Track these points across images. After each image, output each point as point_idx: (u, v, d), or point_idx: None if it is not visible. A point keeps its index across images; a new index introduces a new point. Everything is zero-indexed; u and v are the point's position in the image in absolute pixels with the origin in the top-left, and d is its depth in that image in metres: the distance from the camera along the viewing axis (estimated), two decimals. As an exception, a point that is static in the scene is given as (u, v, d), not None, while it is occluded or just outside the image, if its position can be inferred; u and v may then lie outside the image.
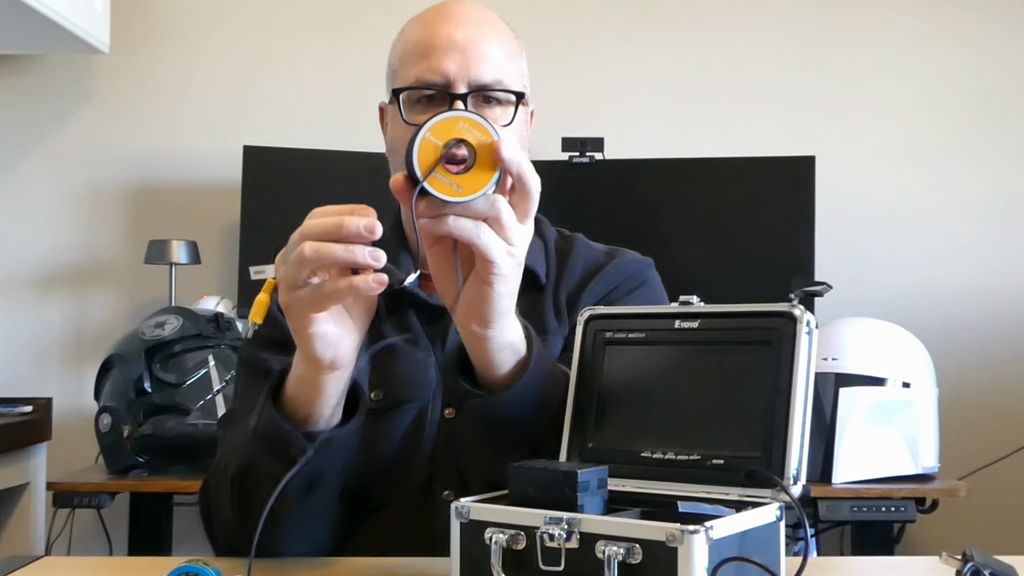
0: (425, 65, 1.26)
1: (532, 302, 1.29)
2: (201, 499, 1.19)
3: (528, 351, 1.08)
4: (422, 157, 0.93)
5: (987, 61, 3.17)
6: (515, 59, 1.31)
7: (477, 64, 1.25)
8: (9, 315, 3.15)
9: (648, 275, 1.37)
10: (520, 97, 1.28)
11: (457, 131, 0.94)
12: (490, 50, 1.26)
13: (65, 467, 2.79)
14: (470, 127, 0.94)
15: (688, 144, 3.11)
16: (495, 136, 0.94)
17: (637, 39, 3.20)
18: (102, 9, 2.94)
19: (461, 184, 0.94)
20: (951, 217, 3.14)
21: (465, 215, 0.95)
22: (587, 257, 1.36)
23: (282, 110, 3.16)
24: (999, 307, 3.10)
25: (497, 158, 0.94)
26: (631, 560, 0.81)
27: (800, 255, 2.89)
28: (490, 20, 1.30)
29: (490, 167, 0.94)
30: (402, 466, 1.20)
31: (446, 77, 1.25)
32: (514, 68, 1.30)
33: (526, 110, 1.32)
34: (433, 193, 0.93)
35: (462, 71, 1.25)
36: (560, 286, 1.33)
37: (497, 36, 1.29)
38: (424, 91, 1.26)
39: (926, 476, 2.57)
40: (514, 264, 0.99)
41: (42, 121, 3.20)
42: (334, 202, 0.99)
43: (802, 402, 0.92)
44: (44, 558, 1.15)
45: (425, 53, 1.26)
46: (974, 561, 0.94)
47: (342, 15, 3.21)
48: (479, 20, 1.29)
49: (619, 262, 1.36)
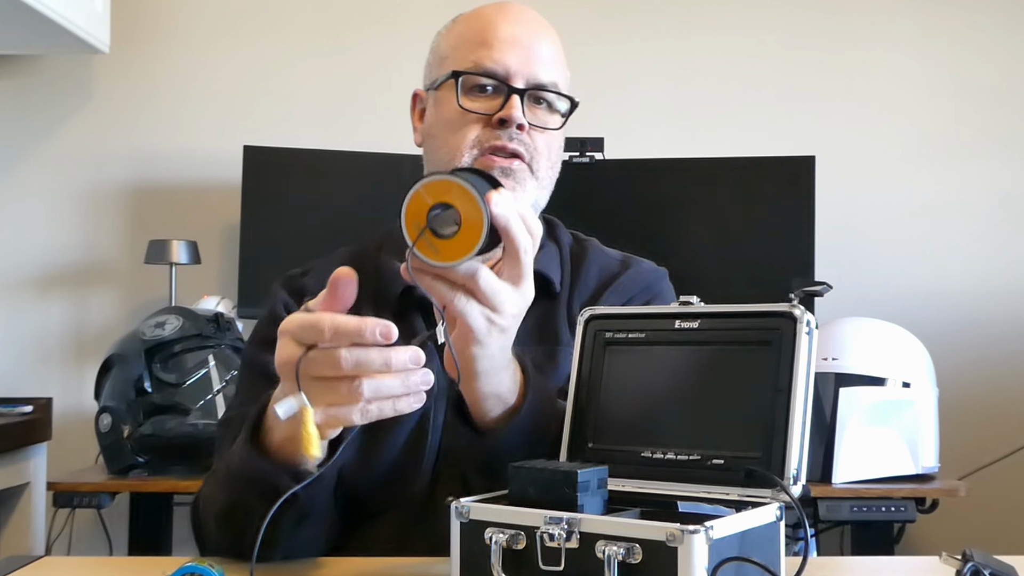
0: (486, 54, 1.26)
1: (547, 311, 1.29)
2: (192, 517, 1.18)
3: (521, 397, 1.07)
4: (411, 210, 0.93)
5: (987, 61, 3.17)
6: (564, 69, 1.33)
7: (538, 63, 1.26)
8: (9, 315, 3.15)
9: (662, 286, 1.37)
10: (574, 104, 1.30)
11: (449, 195, 0.93)
12: (549, 53, 1.28)
13: (65, 467, 2.79)
14: (462, 194, 0.92)
15: (688, 144, 3.11)
16: (482, 208, 0.92)
17: (637, 39, 3.20)
18: (102, 9, 2.94)
19: (443, 248, 0.93)
20: (951, 217, 3.14)
21: (445, 277, 0.95)
22: (601, 265, 1.36)
23: (282, 110, 3.16)
24: (999, 307, 3.10)
25: (479, 234, 0.92)
26: (631, 560, 0.82)
27: (800, 255, 2.88)
28: (547, 26, 1.32)
29: (474, 237, 0.92)
30: (406, 471, 1.20)
31: (507, 69, 1.25)
32: (564, 73, 1.32)
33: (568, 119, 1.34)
34: (415, 252, 0.93)
35: (523, 67, 1.26)
36: (574, 295, 1.32)
37: (554, 42, 1.31)
38: (483, 78, 1.26)
39: (926, 476, 2.57)
40: (496, 330, 0.99)
41: (42, 121, 3.20)
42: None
43: (802, 402, 0.92)
44: (44, 558, 1.14)
45: (487, 43, 1.27)
46: (974, 561, 0.94)
47: (342, 15, 3.21)
48: (540, 24, 1.31)
49: (633, 272, 1.35)
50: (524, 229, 0.96)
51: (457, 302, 0.96)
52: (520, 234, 0.96)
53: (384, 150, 2.88)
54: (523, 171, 1.27)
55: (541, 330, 1.28)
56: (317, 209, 2.90)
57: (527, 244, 0.97)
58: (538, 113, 1.28)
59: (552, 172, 1.31)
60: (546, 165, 1.29)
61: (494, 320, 0.98)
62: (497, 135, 1.25)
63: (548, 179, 1.31)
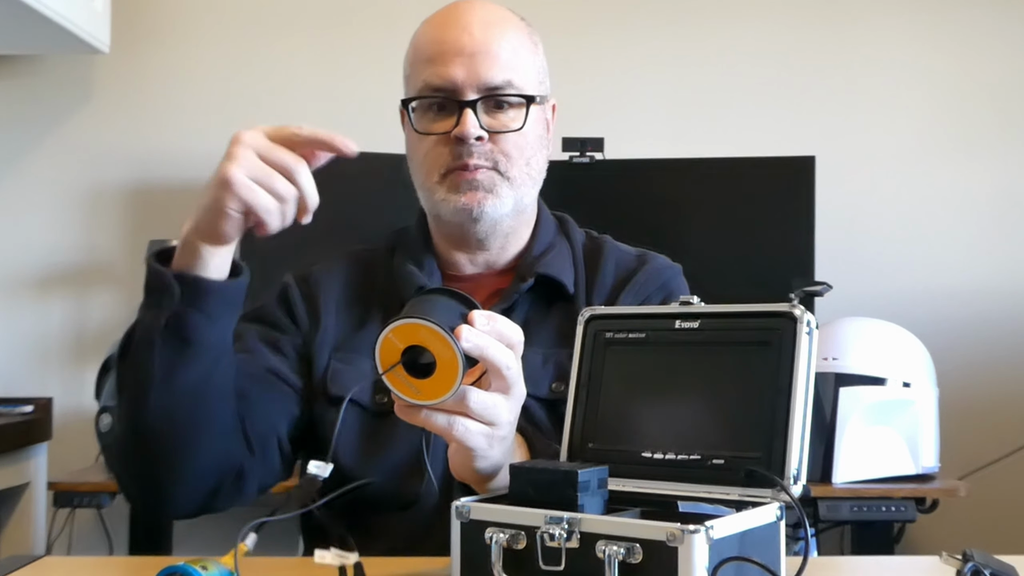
0: (433, 71, 1.25)
1: (565, 313, 1.29)
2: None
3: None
4: (384, 357, 0.93)
5: (987, 61, 3.16)
6: (529, 57, 1.29)
7: (486, 68, 1.24)
8: (9, 315, 3.15)
9: (678, 282, 1.37)
10: (530, 100, 1.27)
11: (418, 337, 0.92)
12: (500, 51, 1.25)
13: (65, 467, 2.79)
14: (430, 335, 0.92)
15: (688, 144, 3.11)
16: (454, 347, 0.92)
17: (637, 39, 3.20)
18: (102, 9, 2.94)
19: (425, 388, 0.93)
20: (951, 217, 3.14)
21: (438, 409, 0.95)
22: (617, 261, 1.36)
23: (282, 110, 3.16)
24: (999, 307, 3.10)
25: (456, 370, 0.92)
26: (631, 560, 0.82)
27: (800, 255, 2.88)
28: (500, 19, 1.28)
29: (452, 373, 0.92)
30: (416, 469, 1.19)
31: (454, 83, 1.24)
32: (528, 66, 1.28)
33: (542, 108, 1.31)
34: (396, 394, 0.94)
35: (471, 76, 1.24)
36: (592, 294, 1.32)
37: (508, 36, 1.27)
38: (432, 97, 1.26)
39: (926, 476, 2.56)
40: (497, 438, 0.99)
41: (42, 121, 3.20)
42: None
43: (802, 402, 0.92)
44: (44, 558, 1.15)
45: (432, 59, 1.26)
46: (974, 561, 0.94)
47: (342, 15, 3.21)
48: (488, 21, 1.27)
49: (649, 269, 1.35)
50: (500, 348, 0.96)
51: (455, 430, 0.96)
52: (498, 355, 0.95)
53: (384, 150, 2.88)
54: (491, 180, 1.26)
55: (561, 334, 1.28)
56: (317, 209, 2.90)
57: (508, 360, 0.96)
58: (498, 117, 1.26)
59: (530, 168, 1.30)
60: (520, 164, 1.28)
61: (493, 434, 0.98)
62: (458, 153, 1.25)
63: (527, 176, 1.29)
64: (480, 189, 1.26)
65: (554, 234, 1.38)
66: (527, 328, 1.28)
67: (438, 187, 1.27)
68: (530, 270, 1.31)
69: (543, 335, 1.28)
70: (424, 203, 1.33)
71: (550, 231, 1.38)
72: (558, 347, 1.27)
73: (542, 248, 1.35)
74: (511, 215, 1.30)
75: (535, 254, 1.34)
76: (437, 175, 1.27)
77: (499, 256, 1.34)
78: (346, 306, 1.33)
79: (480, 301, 1.32)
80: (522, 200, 1.30)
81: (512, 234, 1.33)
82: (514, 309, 1.30)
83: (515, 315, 1.29)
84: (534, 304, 1.31)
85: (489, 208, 1.26)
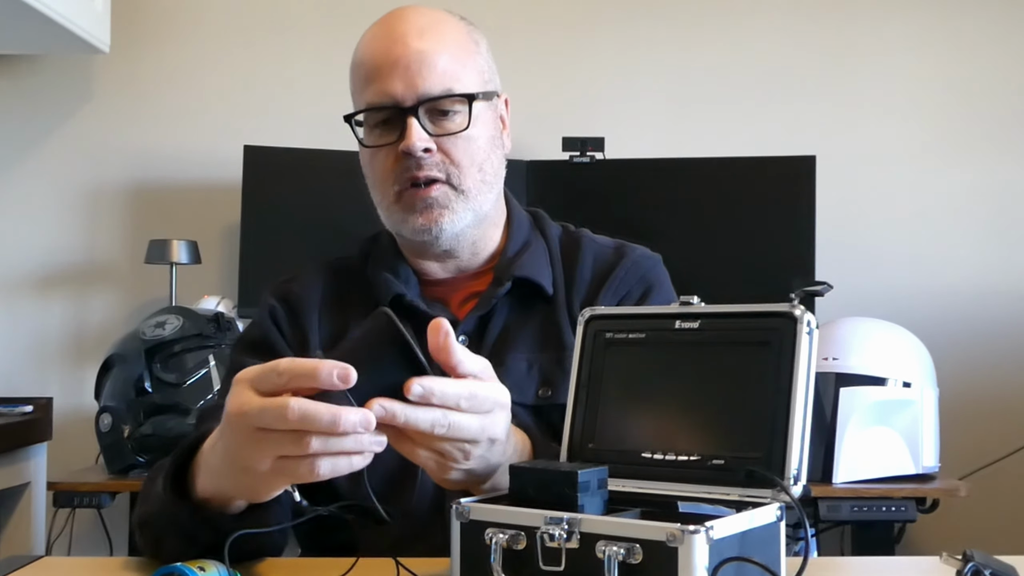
0: (371, 88, 1.25)
1: (545, 315, 1.28)
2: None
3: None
4: None
5: (987, 61, 3.16)
6: (468, 58, 1.28)
7: (422, 78, 1.23)
8: (9, 315, 3.15)
9: (657, 273, 1.36)
10: (472, 98, 1.26)
11: None
12: (436, 59, 1.24)
13: (65, 467, 2.79)
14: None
15: (688, 144, 3.11)
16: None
17: (637, 39, 3.20)
18: (102, 9, 2.94)
19: None
20: (952, 217, 3.14)
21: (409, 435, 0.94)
22: (596, 256, 1.35)
23: (282, 110, 3.16)
24: (999, 307, 3.10)
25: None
26: (631, 560, 0.81)
27: (800, 255, 2.89)
28: (434, 24, 1.27)
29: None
30: (409, 475, 1.19)
31: (393, 98, 1.24)
32: (467, 68, 1.27)
33: (490, 106, 1.30)
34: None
35: (409, 89, 1.23)
36: (572, 292, 1.31)
37: (445, 40, 1.26)
38: (375, 113, 1.26)
39: (926, 476, 2.56)
40: (476, 454, 0.97)
41: (42, 121, 3.20)
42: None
43: (802, 402, 0.92)
44: (44, 558, 1.14)
45: (369, 77, 1.26)
46: (974, 561, 0.94)
47: (342, 15, 3.21)
48: (422, 28, 1.26)
49: (628, 263, 1.34)
50: (428, 418, 0.91)
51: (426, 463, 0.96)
52: (424, 425, 0.91)
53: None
54: (445, 195, 1.26)
55: (543, 337, 1.27)
56: (317, 209, 2.90)
57: (428, 423, 0.92)
58: (443, 124, 1.25)
59: (484, 174, 1.28)
60: (472, 173, 1.27)
61: (469, 451, 0.96)
62: (407, 166, 1.25)
63: (481, 184, 1.28)
64: (435, 207, 1.25)
65: (528, 231, 1.37)
66: (508, 334, 1.28)
67: (394, 207, 1.27)
68: (507, 272, 1.30)
69: (526, 340, 1.28)
70: (384, 222, 1.32)
71: (524, 228, 1.37)
72: (540, 351, 1.26)
73: (517, 247, 1.34)
74: (472, 225, 1.29)
75: (510, 254, 1.33)
76: (392, 194, 1.27)
77: (471, 261, 1.34)
78: (328, 318, 1.32)
79: (457, 305, 1.33)
80: (480, 209, 1.29)
81: (480, 239, 1.33)
82: (493, 314, 1.29)
83: (494, 320, 1.29)
84: (513, 308, 1.30)
85: (447, 225, 1.26)
